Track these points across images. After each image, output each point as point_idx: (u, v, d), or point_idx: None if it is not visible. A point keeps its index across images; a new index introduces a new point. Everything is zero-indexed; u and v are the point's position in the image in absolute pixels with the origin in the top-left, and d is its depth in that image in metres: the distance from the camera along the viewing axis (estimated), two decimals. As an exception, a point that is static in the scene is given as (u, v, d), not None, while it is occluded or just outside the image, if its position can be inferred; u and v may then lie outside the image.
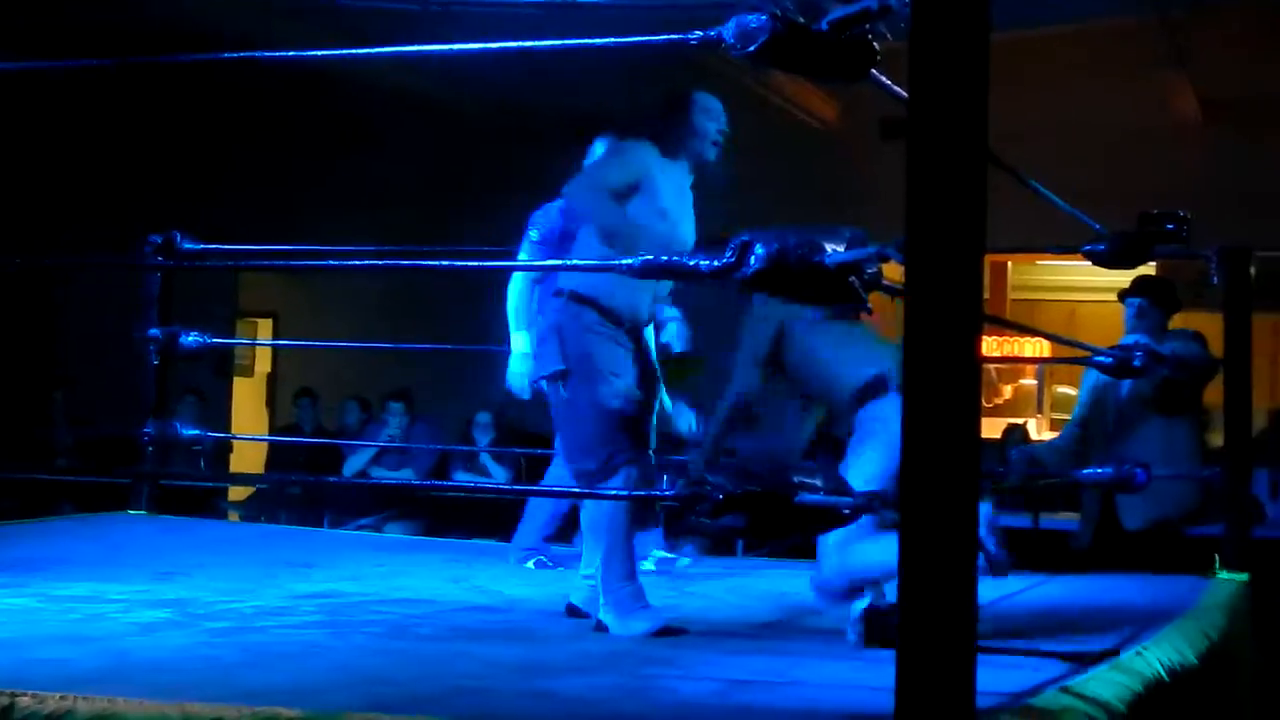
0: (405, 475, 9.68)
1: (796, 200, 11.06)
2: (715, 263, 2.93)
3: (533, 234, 6.17)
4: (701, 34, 3.05)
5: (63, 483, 10.23)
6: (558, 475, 6.03)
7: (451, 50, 3.48)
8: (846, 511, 2.95)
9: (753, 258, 2.85)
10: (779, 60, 2.99)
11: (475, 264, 4.53)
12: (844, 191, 11.12)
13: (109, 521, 6.85)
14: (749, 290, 2.86)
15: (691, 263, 2.93)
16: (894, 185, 2.66)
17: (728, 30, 2.99)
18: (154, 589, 5.03)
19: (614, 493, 4.50)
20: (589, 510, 4.70)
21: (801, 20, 2.88)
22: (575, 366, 4.66)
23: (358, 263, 4.74)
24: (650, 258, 2.95)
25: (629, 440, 4.60)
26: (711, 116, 4.85)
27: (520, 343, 6.18)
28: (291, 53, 3.68)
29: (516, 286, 6.20)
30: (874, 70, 3.14)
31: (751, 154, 6.45)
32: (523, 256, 6.13)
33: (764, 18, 2.89)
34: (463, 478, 9.61)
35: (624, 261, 2.95)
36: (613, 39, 3.20)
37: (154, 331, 6.79)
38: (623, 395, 4.61)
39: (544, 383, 4.88)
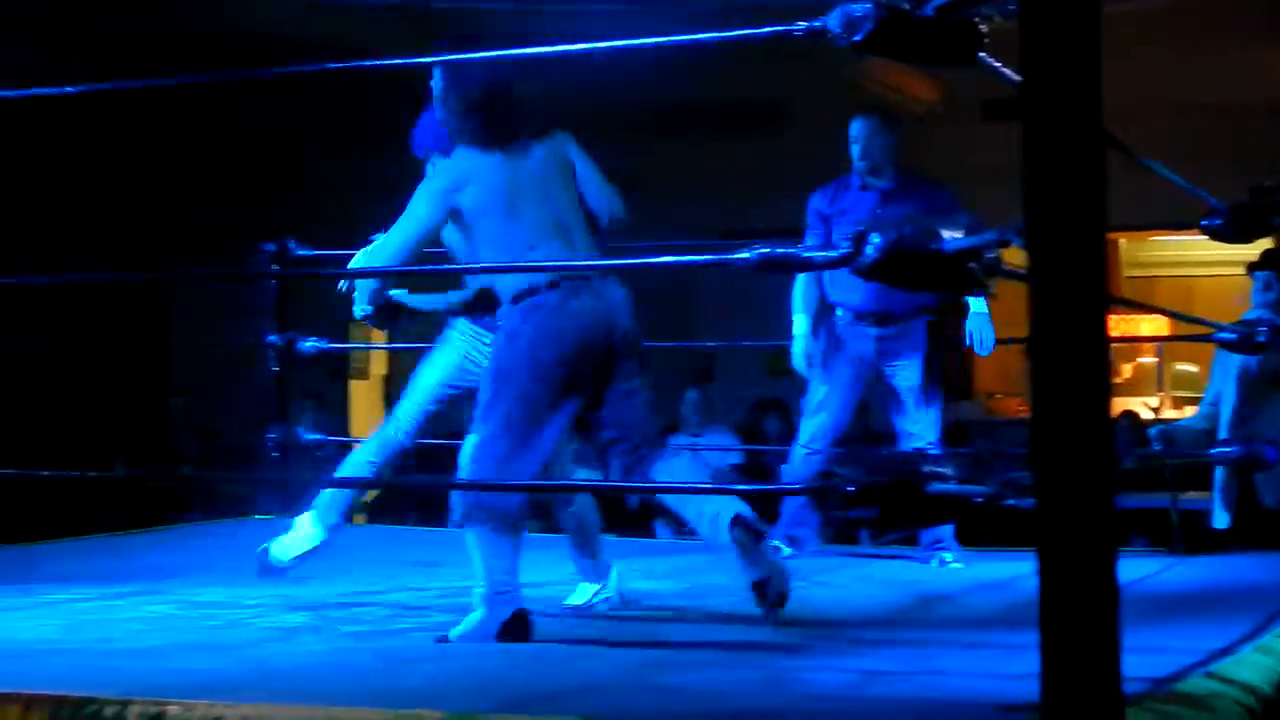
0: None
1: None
2: (831, 253, 2.93)
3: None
4: (806, 25, 3.04)
5: (190, 490, 10.39)
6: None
7: (557, 52, 3.48)
8: (978, 500, 2.94)
9: (869, 247, 2.84)
10: (885, 48, 2.98)
11: (586, 263, 4.53)
12: (945, 175, 11.03)
13: (238, 527, 6.95)
14: (868, 280, 2.85)
15: (808, 254, 2.93)
16: (996, 167, 2.65)
17: (833, 20, 2.98)
18: (288, 594, 5.11)
19: (763, 487, 4.49)
20: None
21: (907, 6, 2.87)
22: None
23: (453, 267, 4.80)
24: (767, 250, 2.95)
25: None
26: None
27: (800, 325, 6.23)
28: (401, 60, 3.70)
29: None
30: (981, 53, 3.12)
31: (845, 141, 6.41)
32: (809, 240, 6.14)
33: (869, 5, 2.88)
34: (583, 475, 9.62)
35: (741, 255, 2.95)
36: (719, 33, 3.21)
37: (272, 338, 6.88)
38: None
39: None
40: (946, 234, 2.82)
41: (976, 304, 6.06)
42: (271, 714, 3.06)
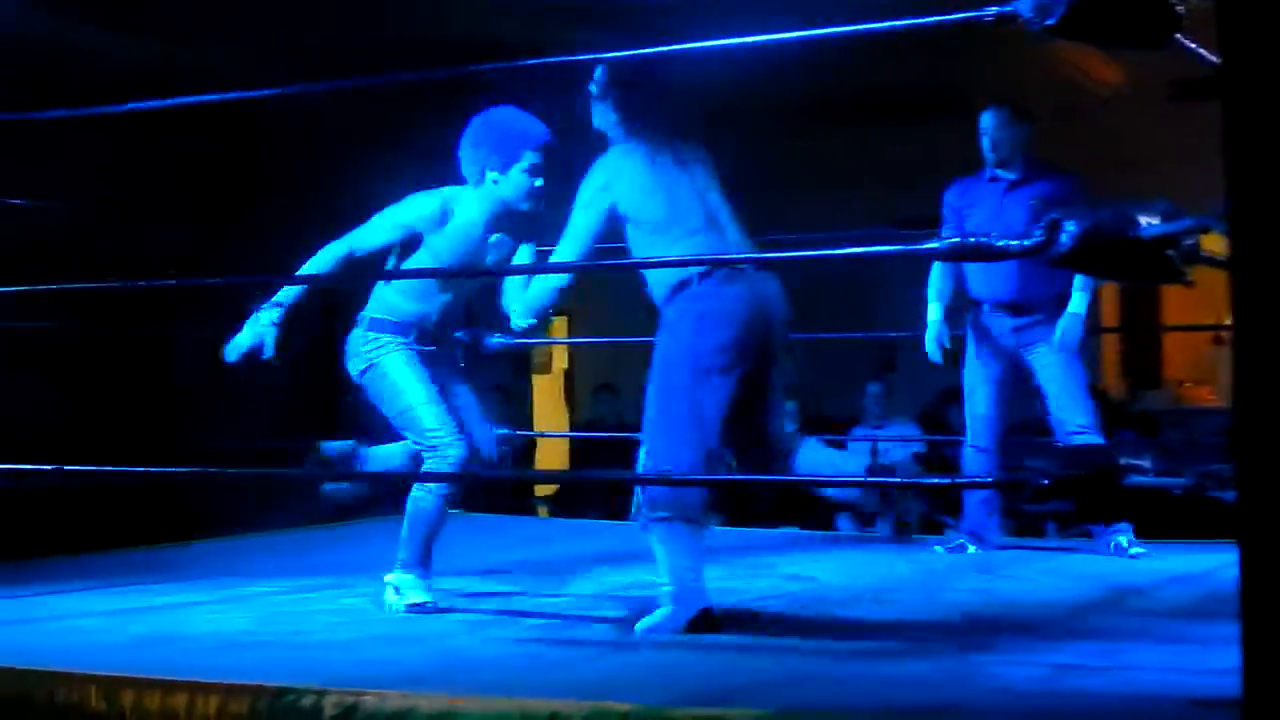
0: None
1: (1082, 168, 10.81)
2: (1025, 241, 2.88)
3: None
4: (997, 10, 3.00)
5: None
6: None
7: (737, 44, 3.47)
8: (1176, 493, 2.87)
9: (1064, 235, 2.79)
10: (1078, 31, 2.92)
11: (752, 255, 4.51)
12: (1131, 156, 10.82)
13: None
14: (1062, 269, 2.80)
15: (1001, 243, 2.88)
16: (1183, 149, 2.58)
17: (1024, 4, 2.93)
18: (475, 586, 5.16)
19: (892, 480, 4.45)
20: None
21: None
22: None
23: (614, 262, 4.83)
24: (958, 239, 2.91)
25: None
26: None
27: (934, 312, 6.27)
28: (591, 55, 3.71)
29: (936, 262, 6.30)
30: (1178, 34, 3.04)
31: (1039, 125, 6.32)
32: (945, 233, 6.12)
33: (1061, -11, 2.83)
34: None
35: (934, 244, 2.91)
36: (905, 20, 3.18)
37: (460, 334, 6.95)
38: None
39: None
40: (1144, 220, 2.75)
41: (1077, 303, 5.96)
42: (462, 705, 3.10)
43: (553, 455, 12.30)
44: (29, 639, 4.16)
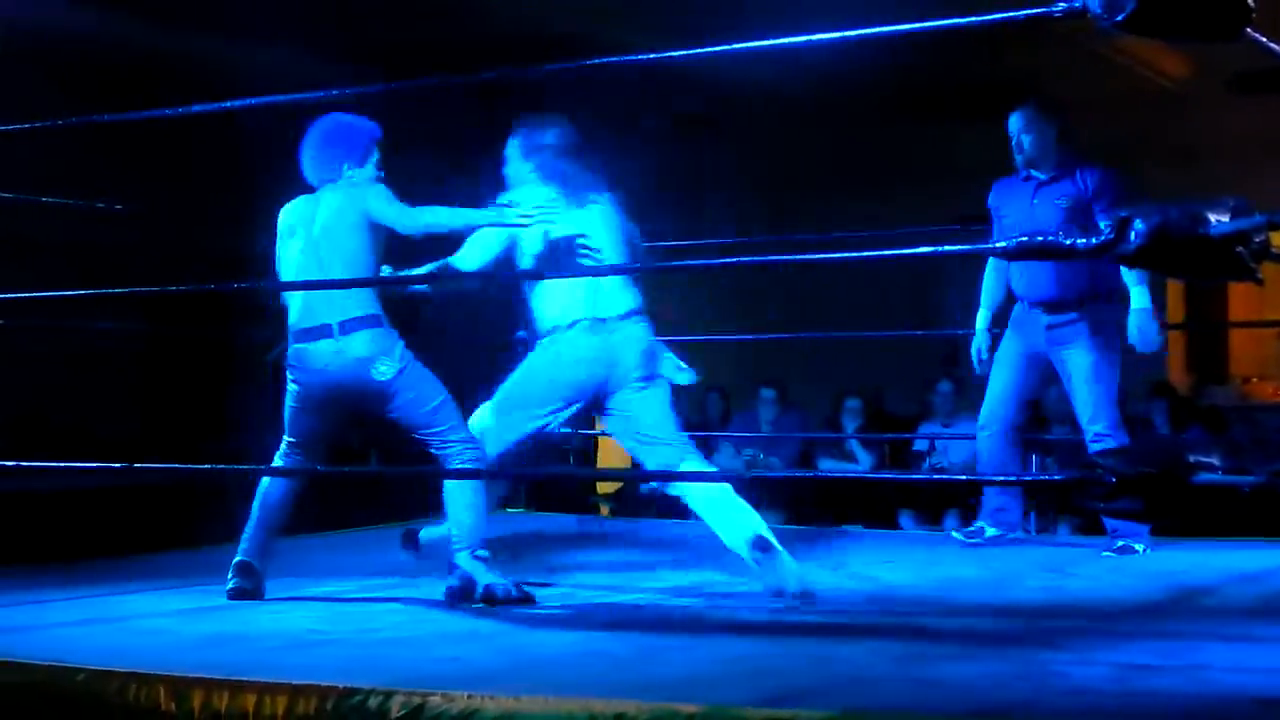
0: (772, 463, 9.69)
1: (1145, 160, 10.73)
2: (1093, 240, 2.86)
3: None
4: (1066, 5, 2.97)
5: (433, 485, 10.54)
6: None
7: (812, 41, 3.45)
8: (1246, 491, 2.84)
9: (1133, 233, 2.77)
10: (1148, 26, 2.90)
11: (808, 256, 4.51)
12: (1193, 149, 10.73)
13: (493, 521, 7.05)
14: (1131, 267, 2.77)
15: (1069, 242, 2.86)
16: (1246, 141, 2.55)
17: (1093, 0, 2.91)
18: (539, 584, 5.17)
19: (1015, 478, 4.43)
20: None
21: (1170, -18, 2.79)
22: None
23: (681, 263, 4.88)
24: (1025, 239, 2.89)
25: None
26: None
27: (980, 320, 6.36)
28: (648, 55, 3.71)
29: (990, 265, 6.37)
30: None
31: (1099, 114, 6.30)
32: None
33: (1131, -16, 2.80)
34: (828, 465, 9.60)
35: (999, 245, 2.89)
36: (975, 17, 3.16)
37: (522, 334, 6.96)
38: None
39: None
40: (1214, 218, 2.72)
41: (1139, 298, 5.88)
42: (529, 706, 3.11)
43: (615, 454, 12.30)
44: (100, 639, 4.19)
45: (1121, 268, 5.66)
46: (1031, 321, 6.14)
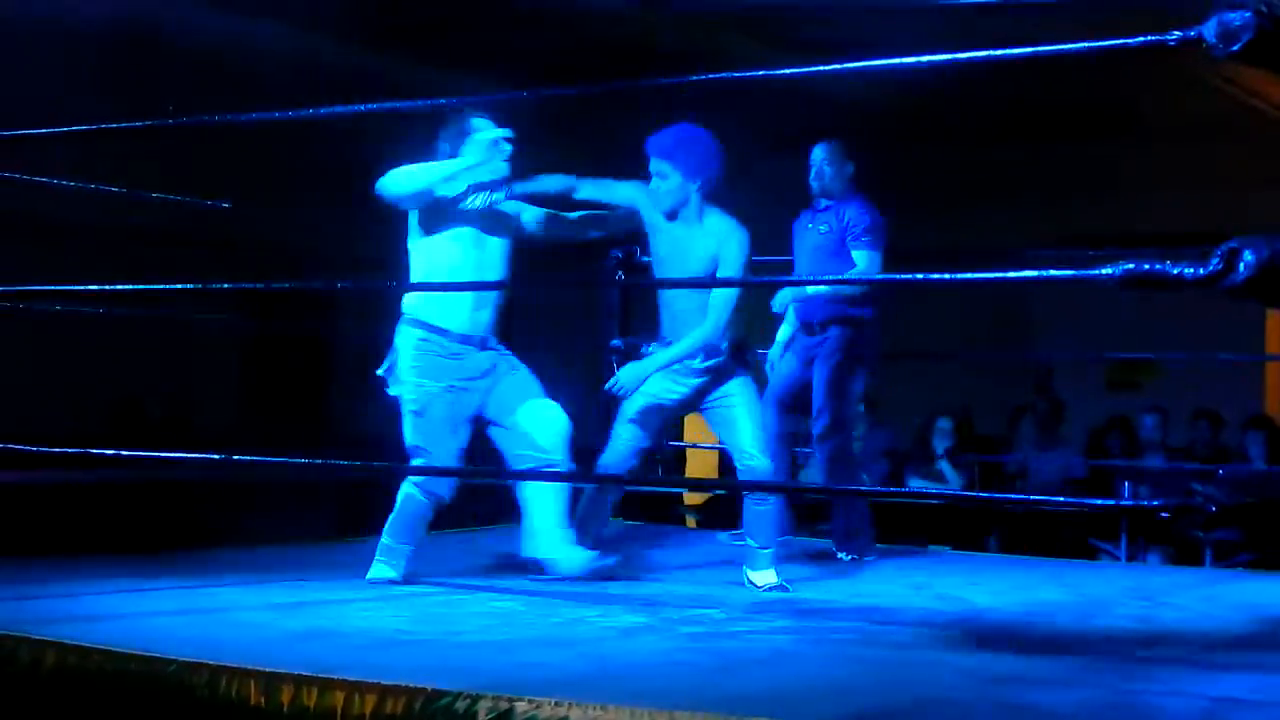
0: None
1: (1255, 190, 10.61)
2: (1200, 271, 2.83)
3: None
4: (1181, 34, 2.95)
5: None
6: None
7: (906, 64, 3.45)
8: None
9: (1242, 265, 2.74)
10: (1264, 58, 2.87)
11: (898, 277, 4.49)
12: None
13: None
14: (1238, 299, 2.74)
15: (1176, 271, 2.83)
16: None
17: (1208, 29, 2.88)
18: (628, 593, 5.18)
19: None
20: None
21: (1287, 15, 2.75)
22: None
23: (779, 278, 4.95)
24: (1133, 266, 2.86)
25: None
26: None
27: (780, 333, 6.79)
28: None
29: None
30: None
31: (1207, 143, 6.25)
32: None
33: (1248, 14, 2.77)
34: (917, 484, 9.55)
35: (1105, 270, 2.87)
36: (1087, 43, 3.14)
37: (616, 342, 7.00)
38: None
39: None
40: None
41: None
42: (614, 715, 3.11)
43: (703, 466, 12.29)
44: (193, 629, 4.24)
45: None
46: (799, 340, 6.63)
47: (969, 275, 3.89)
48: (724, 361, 5.45)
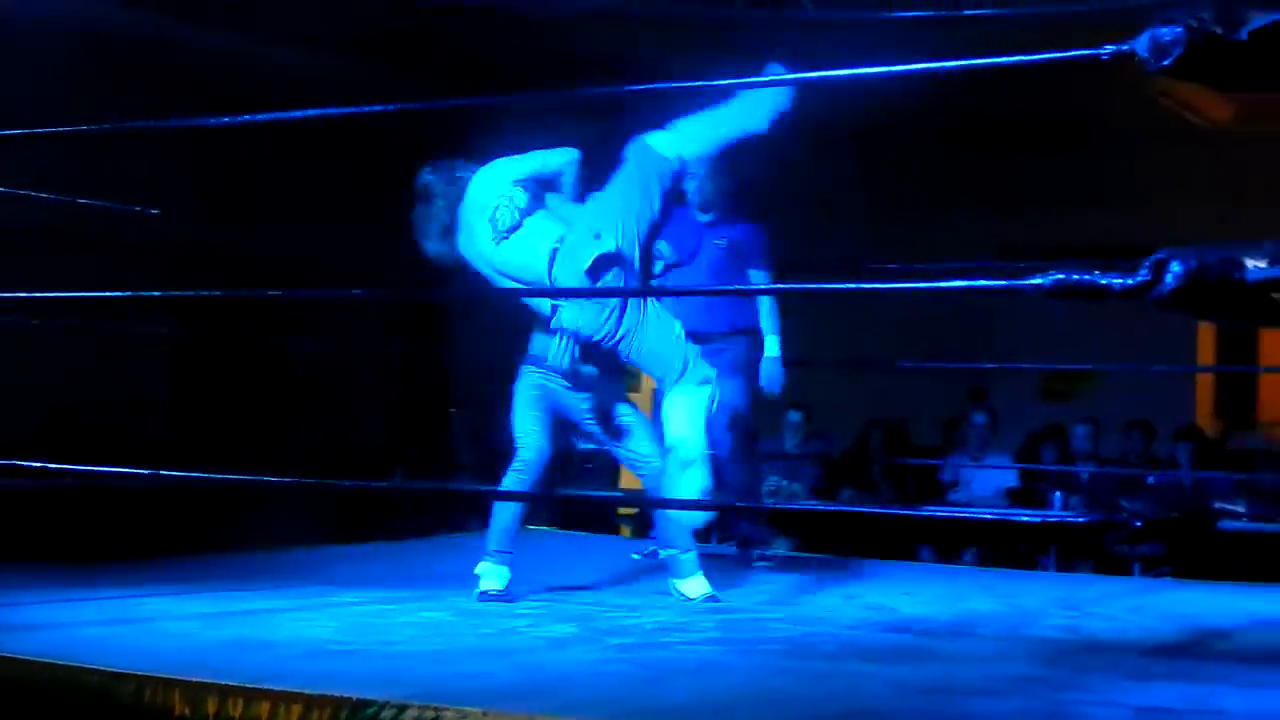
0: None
1: (1189, 203, 10.70)
2: (1128, 281, 2.84)
3: None
4: (1114, 48, 2.96)
5: (466, 499, 10.57)
6: None
7: (856, 75, 3.46)
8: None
9: (1169, 276, 2.75)
10: (1194, 73, 2.88)
11: (851, 286, 4.50)
12: (1239, 193, 10.70)
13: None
14: (1165, 309, 2.75)
15: (1104, 282, 2.84)
16: None
17: (1140, 44, 2.88)
18: (558, 603, 5.17)
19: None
20: None
21: (1219, 31, 2.76)
22: None
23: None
24: (1062, 276, 2.87)
25: None
26: None
27: None
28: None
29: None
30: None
31: (1141, 157, 6.30)
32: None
33: (1179, 30, 2.78)
34: (849, 494, 9.58)
35: (1034, 280, 2.88)
36: (1022, 56, 3.15)
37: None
38: None
39: None
40: (1251, 263, 2.70)
41: (771, 346, 6.68)
42: (540, 726, 3.10)
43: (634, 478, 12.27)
44: (117, 639, 4.20)
45: (761, 314, 6.62)
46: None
47: (894, 285, 3.91)
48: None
